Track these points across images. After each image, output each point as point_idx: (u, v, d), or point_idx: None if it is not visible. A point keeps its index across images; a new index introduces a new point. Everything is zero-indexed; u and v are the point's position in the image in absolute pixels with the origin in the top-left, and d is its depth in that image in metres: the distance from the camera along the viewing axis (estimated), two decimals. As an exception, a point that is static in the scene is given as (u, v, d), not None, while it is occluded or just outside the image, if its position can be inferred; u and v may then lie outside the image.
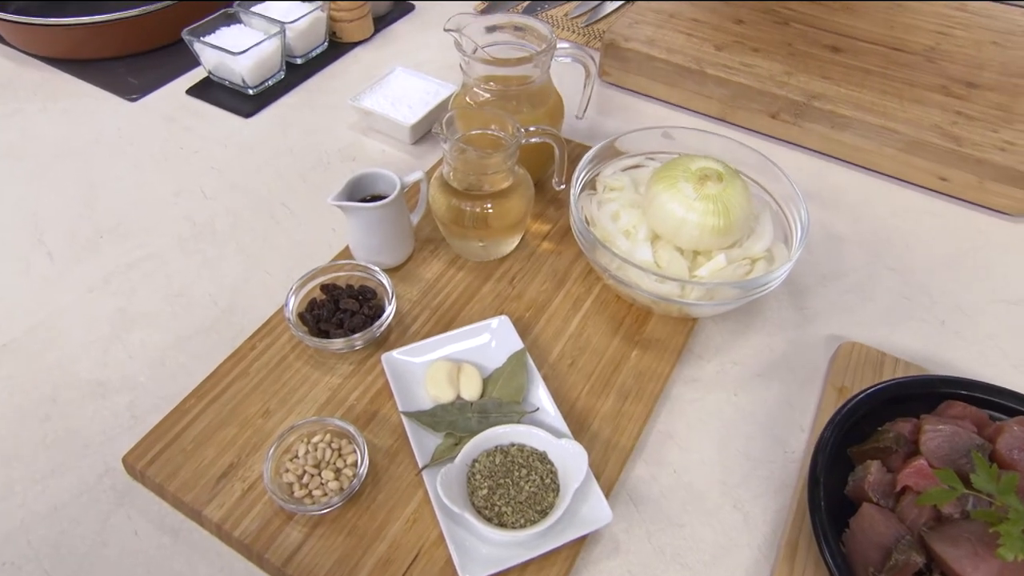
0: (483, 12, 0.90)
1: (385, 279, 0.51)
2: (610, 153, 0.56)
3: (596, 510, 0.41)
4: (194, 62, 0.80)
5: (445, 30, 0.55)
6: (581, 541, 0.41)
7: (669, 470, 0.46)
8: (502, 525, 0.39)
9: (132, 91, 0.77)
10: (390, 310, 0.49)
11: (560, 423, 0.45)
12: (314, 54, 0.81)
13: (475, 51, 0.56)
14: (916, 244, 0.62)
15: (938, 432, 0.38)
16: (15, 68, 0.81)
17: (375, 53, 0.84)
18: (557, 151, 0.53)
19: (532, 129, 0.51)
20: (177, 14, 0.81)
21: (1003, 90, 0.69)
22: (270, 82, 0.77)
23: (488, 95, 0.57)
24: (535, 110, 0.57)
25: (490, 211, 0.53)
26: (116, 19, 0.78)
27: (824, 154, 0.70)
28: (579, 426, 0.46)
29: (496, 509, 0.40)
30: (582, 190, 0.54)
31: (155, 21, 0.80)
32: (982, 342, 0.54)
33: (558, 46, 0.57)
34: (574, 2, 0.92)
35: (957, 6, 0.82)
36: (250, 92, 0.76)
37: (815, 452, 0.41)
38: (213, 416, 0.46)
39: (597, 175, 0.56)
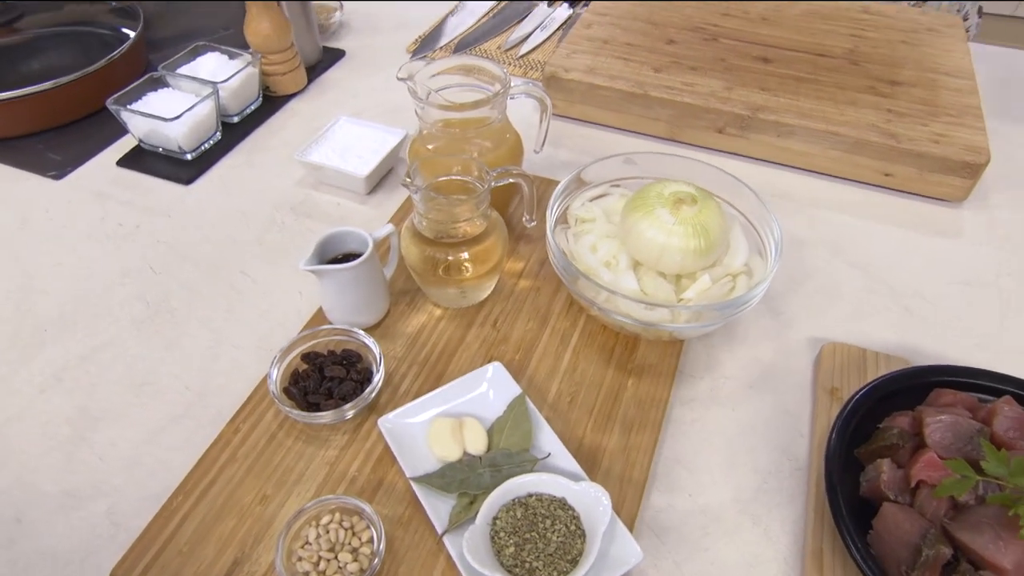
0: (415, 54, 0.91)
1: (369, 340, 0.50)
2: (576, 185, 0.58)
3: (625, 550, 0.41)
4: (119, 131, 0.77)
5: (398, 79, 0.55)
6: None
7: (683, 495, 0.47)
8: (535, 582, 0.39)
9: (54, 168, 0.74)
10: (379, 373, 0.48)
11: (573, 464, 0.45)
12: (249, 111, 0.80)
13: (429, 96, 0.56)
14: (870, 239, 0.66)
15: (940, 423, 0.40)
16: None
17: (312, 103, 0.84)
18: (526, 189, 0.54)
19: (501, 171, 0.52)
20: (94, 84, 0.78)
21: (923, 85, 0.75)
22: (207, 144, 0.75)
23: (447, 140, 0.57)
24: (496, 150, 0.58)
25: (466, 258, 0.53)
26: (28, 94, 0.74)
27: (772, 162, 0.73)
28: (590, 464, 0.47)
29: (527, 565, 0.39)
30: (555, 225, 0.55)
31: (71, 93, 0.77)
32: (946, 324, 0.58)
33: (506, 80, 0.58)
34: (504, 35, 0.94)
35: (861, 7, 0.88)
36: (188, 157, 0.73)
37: (827, 461, 0.42)
38: (206, 511, 0.44)
39: (567, 208, 0.57)
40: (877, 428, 0.44)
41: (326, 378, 0.49)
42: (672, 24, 0.84)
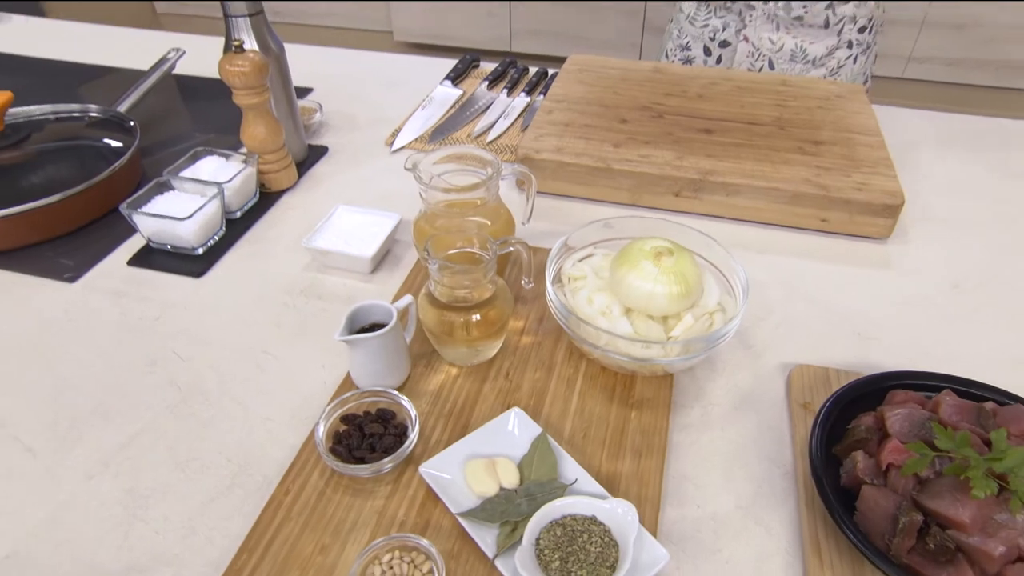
0: (391, 146, 1.01)
1: (404, 400, 0.56)
2: (564, 249, 0.66)
3: (653, 554, 0.47)
4: (124, 234, 0.83)
5: (405, 168, 0.64)
6: (647, 586, 0.47)
7: (693, 507, 0.54)
8: (582, 588, 0.45)
9: (68, 272, 0.78)
10: (416, 426, 0.54)
11: (597, 487, 0.51)
12: (248, 206, 0.87)
13: (432, 181, 0.65)
14: (817, 276, 0.76)
15: (898, 415, 0.49)
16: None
17: (305, 196, 0.91)
18: (525, 256, 0.63)
19: (503, 241, 0.60)
20: (98, 193, 0.84)
21: (841, 143, 0.88)
22: (214, 239, 0.81)
23: (449, 218, 0.65)
24: (493, 224, 0.66)
25: (477, 319, 0.60)
26: (39, 206, 0.79)
27: (725, 217, 0.84)
28: (610, 488, 0.53)
29: (573, 574, 0.45)
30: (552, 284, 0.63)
31: (78, 203, 0.82)
32: (890, 340, 0.68)
33: (498, 165, 0.67)
34: (471, 124, 1.05)
35: (780, 80, 1.03)
36: (198, 252, 0.79)
37: (811, 459, 0.50)
38: (270, 566, 0.49)
39: (559, 269, 0.66)
40: (847, 428, 0.53)
41: (367, 435, 0.54)
42: (622, 106, 0.97)
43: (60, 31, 1.43)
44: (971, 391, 0.53)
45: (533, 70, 1.19)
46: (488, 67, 1.22)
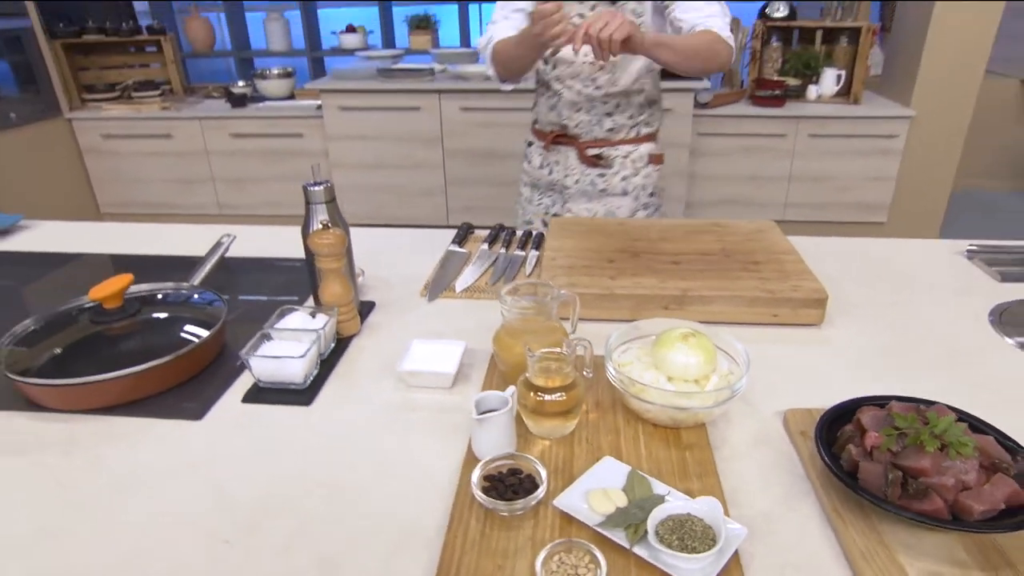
0: (427, 297, 1.25)
1: (530, 457, 0.76)
2: (611, 347, 0.92)
3: (735, 533, 0.68)
4: (231, 377, 1.01)
5: (498, 300, 0.89)
6: (736, 557, 0.67)
7: (746, 507, 0.76)
8: (698, 553, 0.65)
9: (192, 413, 0.95)
10: (544, 473, 0.75)
11: (683, 496, 0.73)
12: (330, 349, 1.08)
13: (510, 308, 0.90)
14: (779, 353, 1.04)
15: (869, 418, 0.74)
16: (64, 427, 0.93)
17: (369, 339, 1.13)
18: (589, 351, 0.87)
19: (575, 340, 0.85)
20: (207, 347, 1.03)
21: (772, 261, 1.21)
22: (313, 375, 1.01)
23: (523, 332, 0.90)
24: (553, 334, 0.91)
25: (564, 399, 0.83)
26: (164, 362, 0.97)
27: (704, 321, 1.13)
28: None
29: (690, 546, 0.65)
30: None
31: (194, 356, 1.01)
32: (840, 388, 0.95)
33: (558, 294, 0.93)
34: (486, 275, 1.32)
35: (712, 223, 1.38)
36: (303, 386, 0.98)
37: (820, 454, 0.74)
38: (466, 581, 0.66)
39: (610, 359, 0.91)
40: (837, 436, 0.78)
41: (508, 485, 0.74)
42: (605, 250, 1.28)
43: (105, 231, 1.64)
44: (907, 401, 0.80)
45: (519, 232, 1.50)
46: (482, 232, 1.52)
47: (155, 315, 1.09)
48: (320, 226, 1.08)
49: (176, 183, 3.73)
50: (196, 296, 1.15)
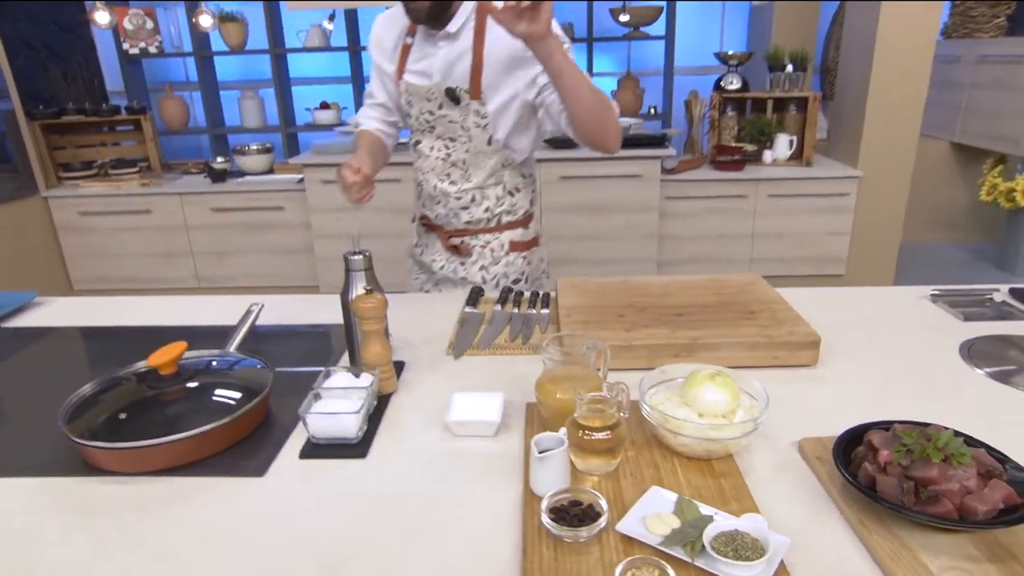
0: (454, 354, 1.35)
1: (590, 490, 0.86)
2: (643, 390, 1.02)
3: (780, 542, 0.78)
4: (283, 435, 1.08)
5: (541, 351, 0.99)
6: (782, 564, 0.77)
7: (780, 526, 0.85)
8: (751, 561, 0.74)
9: (253, 470, 1.01)
10: (605, 503, 0.84)
11: (729, 516, 0.83)
12: (373, 406, 1.16)
13: (552, 357, 1.00)
14: (784, 393, 1.17)
15: (880, 437, 0.86)
16: (134, 488, 0.98)
17: (406, 396, 1.21)
18: (627, 394, 0.98)
19: (614, 385, 0.95)
20: (258, 410, 1.10)
21: (766, 311, 1.35)
22: (363, 430, 1.08)
23: (563, 379, 1.00)
24: (590, 381, 1.02)
25: (609, 437, 0.93)
26: (223, 423, 1.03)
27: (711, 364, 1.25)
28: (732, 520, 0.84)
29: (744, 555, 0.75)
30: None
31: (249, 417, 1.08)
32: (840, 418, 1.07)
33: (594, 344, 1.04)
34: (505, 332, 1.43)
35: (708, 279, 1.53)
36: (356, 440, 1.06)
37: (840, 472, 0.86)
38: (550, 600, 0.74)
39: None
40: (851, 457, 0.89)
41: (573, 515, 0.83)
42: (614, 306, 1.40)
43: (120, 304, 1.70)
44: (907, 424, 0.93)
45: (527, 293, 1.62)
46: (492, 295, 1.63)
47: (206, 380, 1.15)
48: (362, 291, 1.17)
49: (154, 257, 3.77)
50: (239, 362, 1.22)
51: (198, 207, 3.66)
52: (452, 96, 1.51)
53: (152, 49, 4.30)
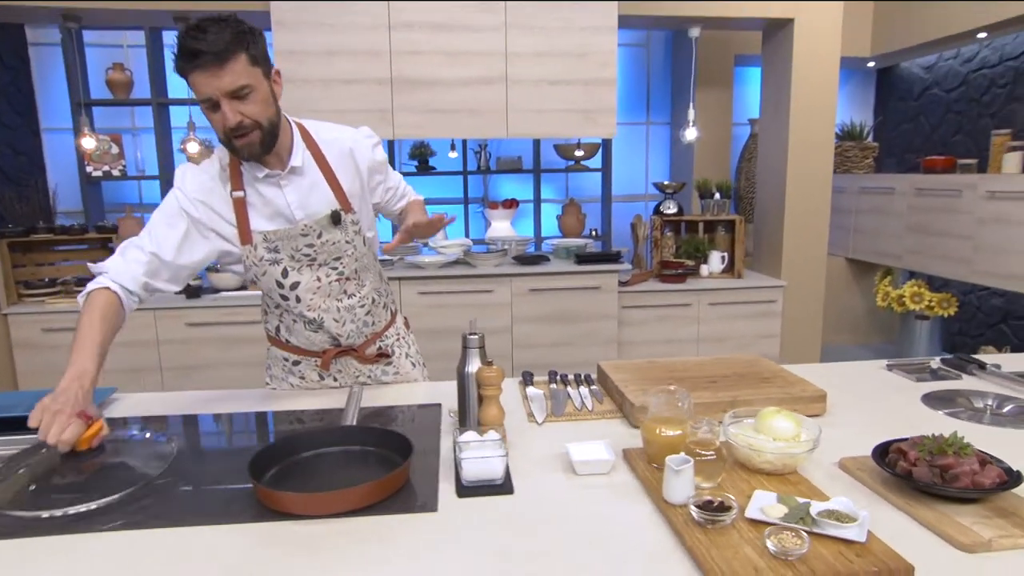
0: (538, 422, 1.64)
1: (724, 494, 1.17)
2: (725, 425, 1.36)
3: (864, 515, 1.12)
4: (429, 483, 1.32)
5: (646, 396, 1.32)
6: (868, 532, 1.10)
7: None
8: (850, 523, 1.07)
9: (429, 507, 1.24)
10: (735, 499, 1.15)
11: (822, 503, 1.16)
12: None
13: (657, 405, 1.34)
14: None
15: (906, 443, 1.24)
16: (319, 529, 1.18)
17: (515, 451, 1.48)
18: (716, 430, 1.31)
19: (711, 421, 1.29)
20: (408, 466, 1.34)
21: (777, 376, 1.74)
22: (504, 472, 1.34)
23: (667, 420, 1.33)
24: (684, 422, 1.35)
25: (715, 458, 1.25)
26: (399, 470, 1.27)
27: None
28: (818, 509, 1.17)
29: (844, 520, 1.08)
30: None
31: (408, 468, 1.31)
32: (858, 446, 1.45)
33: (685, 395, 1.38)
34: (569, 406, 1.73)
35: (714, 360, 1.92)
36: (500, 481, 1.31)
37: (883, 470, 1.22)
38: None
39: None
40: (886, 461, 1.26)
41: (714, 507, 1.13)
42: (660, 378, 1.75)
43: (195, 399, 1.86)
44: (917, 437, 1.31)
45: (571, 375, 1.94)
46: (541, 378, 1.95)
47: (358, 447, 1.39)
48: (483, 364, 1.47)
49: (118, 373, 3.77)
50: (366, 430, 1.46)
51: (173, 322, 3.76)
52: (336, 219, 1.61)
53: (115, 172, 4.49)
